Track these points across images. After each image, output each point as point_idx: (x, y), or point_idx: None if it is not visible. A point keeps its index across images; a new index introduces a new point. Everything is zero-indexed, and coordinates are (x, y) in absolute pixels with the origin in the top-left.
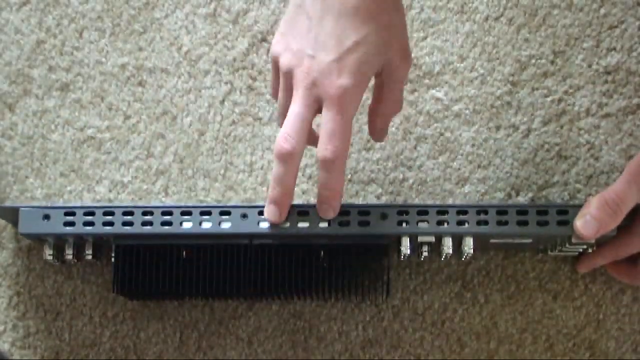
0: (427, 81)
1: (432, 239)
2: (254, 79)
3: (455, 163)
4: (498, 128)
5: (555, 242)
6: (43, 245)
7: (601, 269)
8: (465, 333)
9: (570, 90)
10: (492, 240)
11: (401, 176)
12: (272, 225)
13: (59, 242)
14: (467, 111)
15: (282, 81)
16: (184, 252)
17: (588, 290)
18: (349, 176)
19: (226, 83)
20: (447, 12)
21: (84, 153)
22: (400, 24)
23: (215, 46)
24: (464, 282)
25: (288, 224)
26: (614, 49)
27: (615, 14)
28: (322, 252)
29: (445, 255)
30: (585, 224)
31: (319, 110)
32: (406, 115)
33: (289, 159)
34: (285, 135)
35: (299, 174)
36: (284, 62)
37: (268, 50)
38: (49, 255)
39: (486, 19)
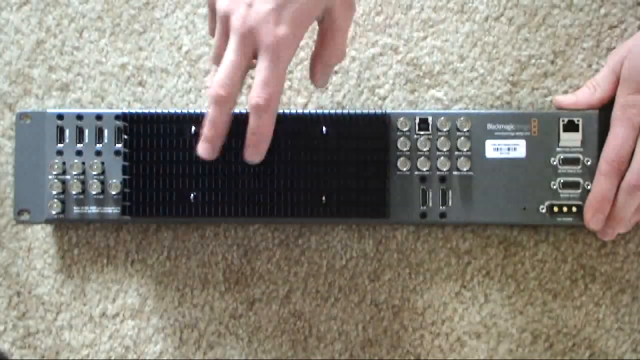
0: (427, 81)
1: (429, 118)
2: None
3: None
4: None
5: (552, 186)
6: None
7: (601, 268)
8: (465, 333)
9: (570, 90)
10: (487, 156)
11: None
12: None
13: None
14: None
15: (219, 25)
16: (192, 128)
17: (588, 290)
18: None
19: None
20: (447, 12)
21: None
22: None
23: None
24: (464, 282)
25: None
26: (614, 49)
27: (615, 14)
28: (323, 127)
29: (439, 139)
30: (563, 95)
31: (254, 57)
32: None
33: (224, 104)
34: (221, 81)
35: None
36: (221, 7)
37: None
38: (53, 177)
39: (486, 19)
